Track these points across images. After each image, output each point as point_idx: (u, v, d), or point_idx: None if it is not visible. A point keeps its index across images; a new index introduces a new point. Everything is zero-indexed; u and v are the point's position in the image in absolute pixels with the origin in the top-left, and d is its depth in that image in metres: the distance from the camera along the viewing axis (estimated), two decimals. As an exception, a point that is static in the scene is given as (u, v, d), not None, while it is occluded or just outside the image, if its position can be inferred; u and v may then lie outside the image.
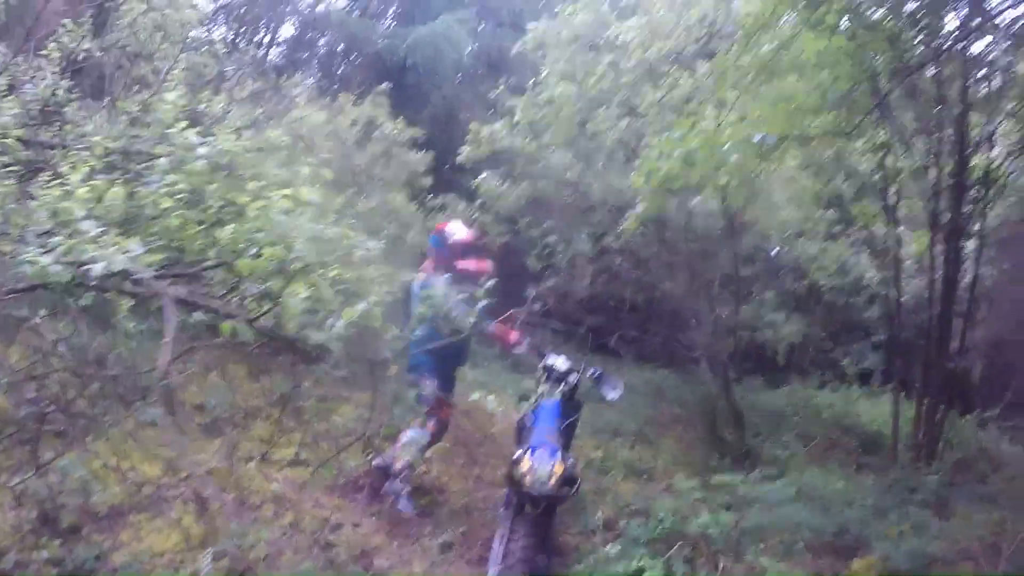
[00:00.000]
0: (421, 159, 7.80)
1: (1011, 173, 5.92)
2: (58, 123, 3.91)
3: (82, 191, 2.39)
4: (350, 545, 3.82)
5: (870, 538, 4.05)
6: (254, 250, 2.49)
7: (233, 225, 2.48)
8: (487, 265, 4.77)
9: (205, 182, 2.87)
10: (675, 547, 4.10)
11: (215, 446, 4.43)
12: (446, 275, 4.59)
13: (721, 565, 3.92)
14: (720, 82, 4.76)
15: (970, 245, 6.24)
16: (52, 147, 3.18)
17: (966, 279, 6.37)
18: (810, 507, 4.34)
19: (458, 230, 4.85)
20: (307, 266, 2.24)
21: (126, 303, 2.24)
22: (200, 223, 2.58)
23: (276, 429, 4.89)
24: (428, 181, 8.00)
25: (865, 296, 9.87)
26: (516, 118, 7.56)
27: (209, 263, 2.46)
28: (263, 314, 2.08)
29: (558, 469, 3.62)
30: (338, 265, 2.57)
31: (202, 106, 3.39)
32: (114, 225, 2.41)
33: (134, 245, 2.04)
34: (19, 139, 2.77)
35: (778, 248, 9.13)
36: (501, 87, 8.31)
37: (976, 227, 5.91)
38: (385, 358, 2.42)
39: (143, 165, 2.61)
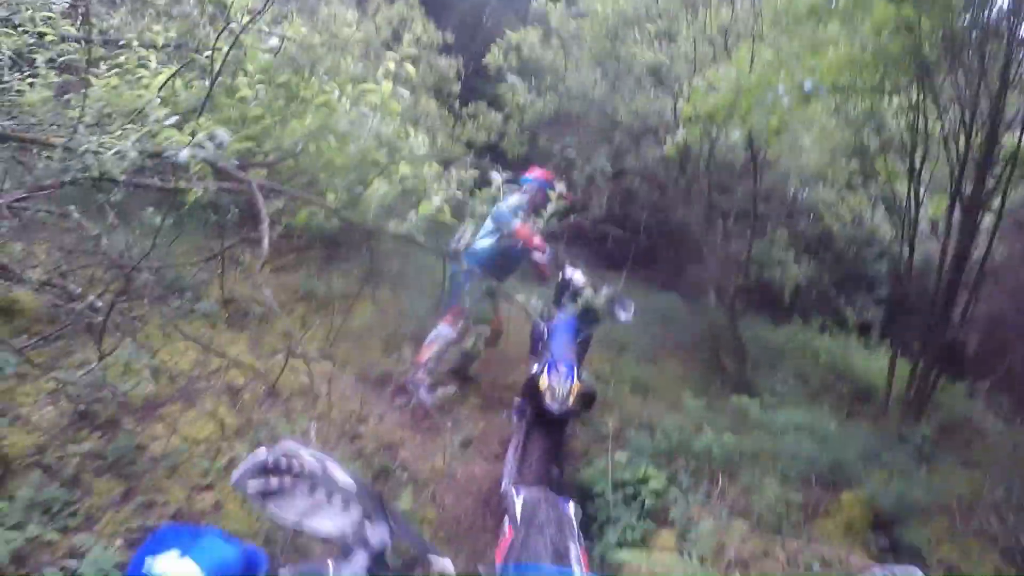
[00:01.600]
0: (450, 64, 7.67)
1: (1040, 158, 5.88)
2: (81, 17, 3.82)
3: (156, 80, 2.42)
4: (376, 437, 4.04)
5: (859, 477, 4.31)
6: (323, 143, 2.55)
7: (306, 118, 2.54)
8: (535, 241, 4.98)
9: (270, 76, 2.89)
10: (679, 460, 4.37)
11: (243, 339, 4.57)
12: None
13: (720, 482, 4.17)
14: (765, 17, 4.70)
15: (987, 219, 6.27)
16: (78, 41, 3.07)
17: (978, 252, 6.43)
18: (807, 440, 4.58)
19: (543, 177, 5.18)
20: (385, 163, 2.33)
21: (194, 194, 2.30)
22: (270, 115, 2.63)
23: (300, 324, 5.09)
24: (457, 87, 7.89)
25: (875, 250, 10.00)
26: (552, 25, 7.41)
27: (284, 155, 2.53)
28: (346, 204, 2.19)
29: (576, 388, 3.81)
30: (403, 162, 2.63)
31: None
32: (182, 115, 2.43)
33: (222, 132, 2.09)
34: (44, 35, 2.68)
35: (797, 190, 9.18)
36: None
37: (996, 203, 5.92)
38: (456, 249, 2.52)
39: (205, 55, 2.61)
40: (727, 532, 3.72)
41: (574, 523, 1.86)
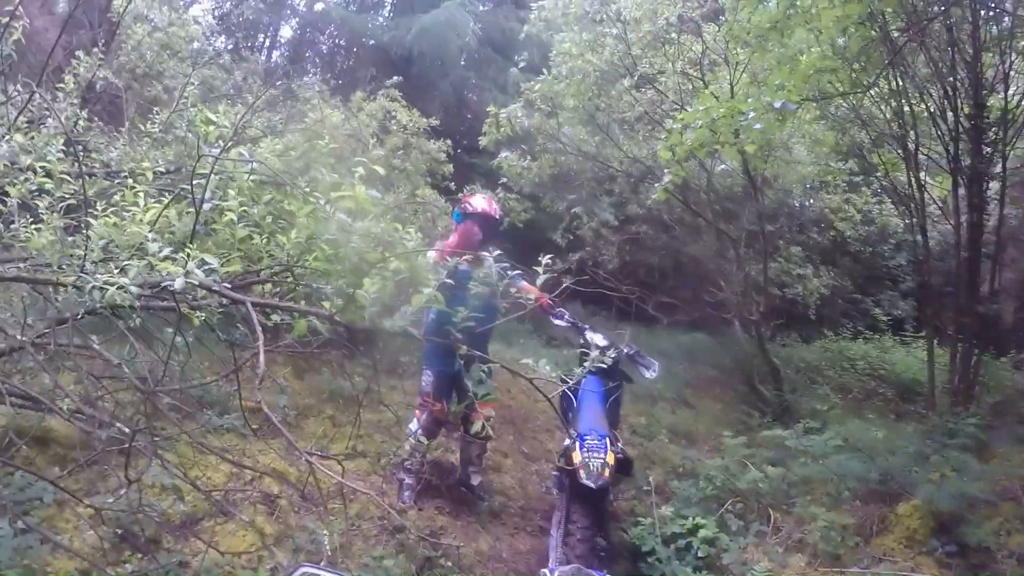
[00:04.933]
0: (439, 147, 7.89)
1: (1029, 111, 5.73)
2: (81, 152, 4.02)
3: (147, 215, 2.54)
4: (417, 528, 4.00)
5: (913, 483, 4.13)
6: (315, 252, 2.64)
7: (294, 231, 2.63)
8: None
9: (254, 195, 3.02)
10: (727, 503, 4.25)
11: (276, 446, 4.60)
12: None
13: (773, 517, 4.04)
14: (732, 41, 4.74)
15: (993, 187, 6.11)
16: (79, 176, 3.25)
17: (991, 221, 6.24)
18: (854, 457, 4.43)
19: (478, 203, 4.49)
20: (374, 262, 2.38)
21: (196, 317, 2.38)
22: (259, 234, 2.73)
23: (330, 424, 5.12)
24: (449, 168, 8.09)
25: (891, 244, 9.87)
26: (534, 95, 7.64)
27: (278, 268, 2.62)
28: (341, 309, 2.25)
29: (610, 459, 3.68)
30: (393, 258, 2.69)
31: (218, 118, 3.49)
32: (178, 244, 2.55)
33: (211, 258, 2.19)
34: (47, 172, 2.84)
35: (801, 202, 9.16)
36: (512, 69, 8.36)
37: (997, 168, 5.75)
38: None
39: (195, 184, 2.73)
40: (784, 570, 3.59)
41: None
